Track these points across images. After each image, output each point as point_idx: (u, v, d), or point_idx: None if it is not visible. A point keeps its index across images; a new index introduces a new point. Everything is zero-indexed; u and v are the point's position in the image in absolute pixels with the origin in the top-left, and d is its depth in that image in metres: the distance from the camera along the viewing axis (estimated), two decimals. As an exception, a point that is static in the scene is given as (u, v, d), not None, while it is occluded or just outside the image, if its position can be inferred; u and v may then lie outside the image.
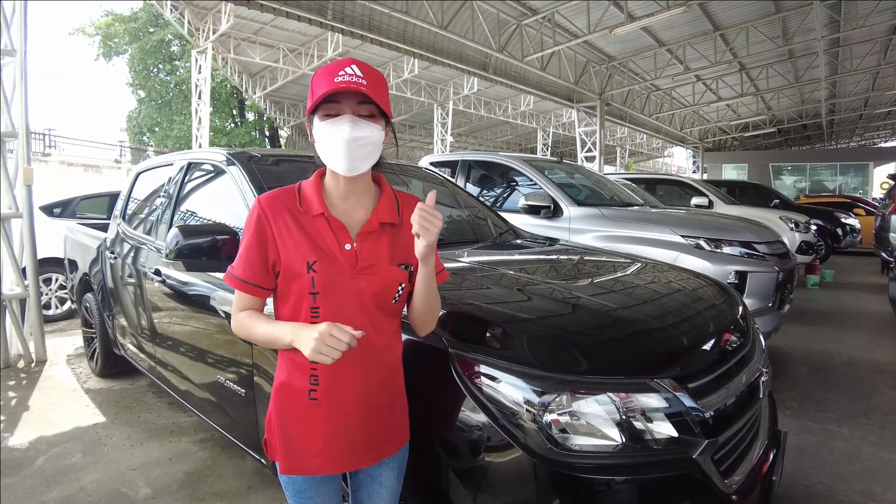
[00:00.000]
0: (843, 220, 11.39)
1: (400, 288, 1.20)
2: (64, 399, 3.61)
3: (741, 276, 3.68)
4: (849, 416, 3.35)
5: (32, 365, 4.31)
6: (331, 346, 1.03)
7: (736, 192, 11.01)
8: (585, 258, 2.57)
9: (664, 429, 1.32)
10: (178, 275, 2.52)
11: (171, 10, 13.64)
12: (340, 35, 11.85)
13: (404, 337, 1.31)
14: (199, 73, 14.70)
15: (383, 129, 1.16)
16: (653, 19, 9.91)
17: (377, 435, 1.22)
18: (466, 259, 2.27)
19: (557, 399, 1.30)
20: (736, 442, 1.54)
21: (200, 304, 2.37)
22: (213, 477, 2.58)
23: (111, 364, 3.88)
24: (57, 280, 5.87)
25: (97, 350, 3.92)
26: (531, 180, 4.81)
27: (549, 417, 1.29)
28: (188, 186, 2.90)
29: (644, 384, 1.34)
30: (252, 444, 2.10)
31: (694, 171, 28.16)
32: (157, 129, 26.71)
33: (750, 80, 16.56)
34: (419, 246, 1.10)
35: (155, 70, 26.23)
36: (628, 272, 2.24)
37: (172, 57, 26.10)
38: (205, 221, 2.63)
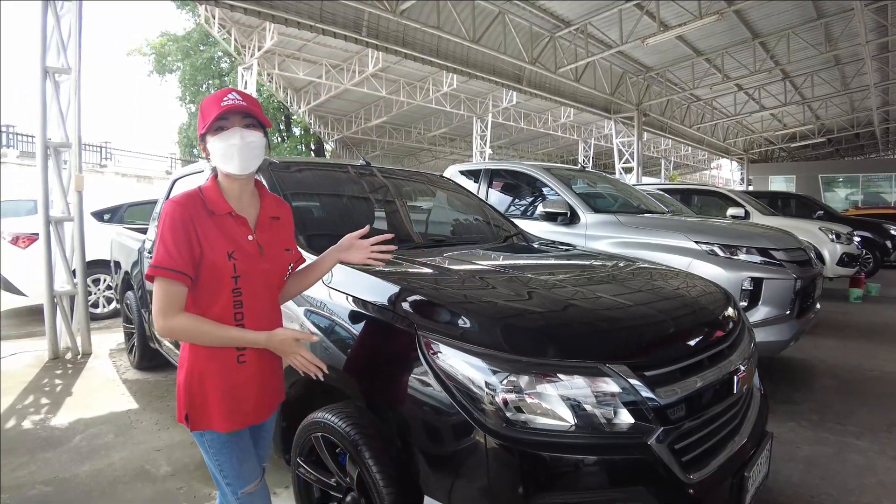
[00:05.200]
0: (892, 232, 10.84)
1: (290, 268, 1.53)
2: (103, 387, 3.90)
3: (756, 282, 3.63)
4: (869, 429, 3.25)
5: (78, 357, 4.66)
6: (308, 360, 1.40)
7: (778, 203, 10.68)
8: (576, 258, 2.64)
9: (618, 413, 1.39)
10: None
11: (219, 29, 14.37)
12: (378, 51, 12.20)
13: (372, 316, 1.44)
14: (245, 88, 15.41)
15: (264, 136, 1.41)
16: (686, 28, 9.82)
17: (275, 388, 1.52)
18: (460, 257, 2.37)
19: (514, 380, 1.39)
20: (705, 434, 1.57)
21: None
22: (229, 461, 2.77)
23: (147, 357, 4.15)
24: (105, 281, 6.30)
25: (135, 344, 4.21)
26: (551, 188, 4.87)
27: (505, 397, 1.38)
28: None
29: (597, 368, 1.41)
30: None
31: (740, 183, 27.32)
32: (205, 141, 27.90)
33: (794, 89, 16.01)
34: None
35: (205, 86, 27.50)
36: (612, 269, 2.30)
37: (221, 73, 27.32)
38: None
